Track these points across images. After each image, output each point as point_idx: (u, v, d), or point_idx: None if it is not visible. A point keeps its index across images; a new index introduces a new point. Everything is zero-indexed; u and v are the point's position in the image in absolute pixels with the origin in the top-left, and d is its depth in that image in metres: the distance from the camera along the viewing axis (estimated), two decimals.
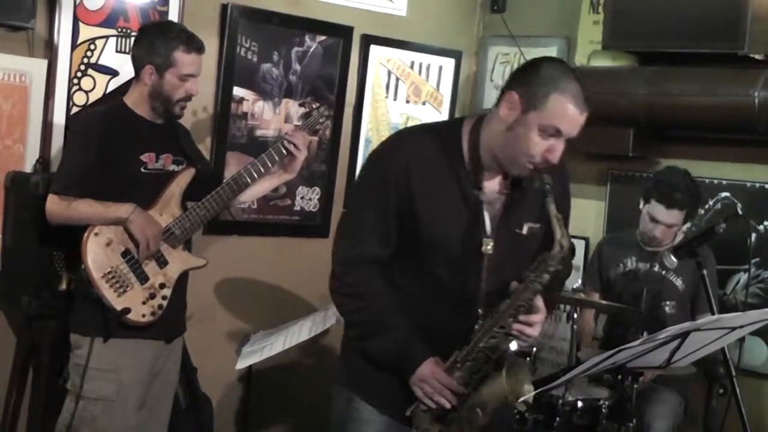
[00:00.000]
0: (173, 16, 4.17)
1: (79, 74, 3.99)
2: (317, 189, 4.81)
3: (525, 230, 2.59)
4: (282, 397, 4.80)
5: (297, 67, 4.64)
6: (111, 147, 3.37)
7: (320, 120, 3.83)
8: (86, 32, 3.99)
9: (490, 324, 2.53)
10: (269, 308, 4.69)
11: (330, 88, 4.76)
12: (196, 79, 3.50)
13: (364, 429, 2.66)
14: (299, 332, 4.07)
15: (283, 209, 4.73)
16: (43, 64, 3.90)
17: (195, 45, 3.47)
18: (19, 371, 3.92)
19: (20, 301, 3.71)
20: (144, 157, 3.43)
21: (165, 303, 3.43)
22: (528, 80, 2.49)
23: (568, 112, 2.45)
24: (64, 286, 3.61)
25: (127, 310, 3.32)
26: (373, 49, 4.90)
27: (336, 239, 2.73)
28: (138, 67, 3.46)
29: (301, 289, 4.80)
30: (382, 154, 2.68)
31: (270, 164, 3.63)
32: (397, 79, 5.05)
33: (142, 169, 3.43)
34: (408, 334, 2.57)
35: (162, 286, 3.43)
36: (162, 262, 3.45)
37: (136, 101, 3.48)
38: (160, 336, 3.49)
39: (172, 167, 3.52)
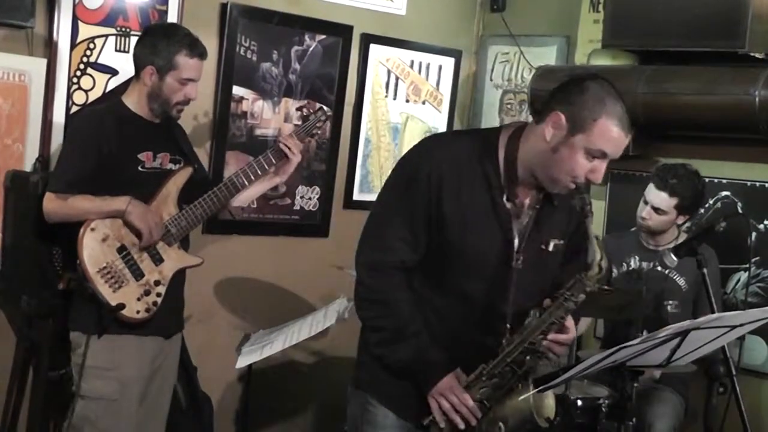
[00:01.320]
0: (173, 15, 4.17)
1: (78, 73, 3.99)
2: (317, 188, 4.80)
3: (551, 247, 2.56)
4: (282, 396, 4.79)
5: (296, 66, 4.63)
6: (109, 146, 3.36)
7: (317, 124, 3.83)
8: (85, 31, 3.99)
9: (519, 339, 2.50)
10: (269, 308, 4.68)
11: (329, 88, 4.76)
12: (196, 83, 3.50)
13: None
14: (299, 331, 4.06)
15: (283, 209, 4.72)
16: (42, 63, 3.89)
17: (198, 50, 3.47)
18: (19, 371, 3.91)
19: (20, 300, 3.70)
20: (142, 156, 3.43)
21: (159, 300, 3.43)
22: (573, 100, 2.43)
23: (615, 136, 2.43)
24: (63, 285, 3.60)
25: (121, 306, 3.32)
26: (373, 48, 4.90)
27: (361, 243, 2.62)
28: (139, 66, 3.46)
29: (301, 288, 4.80)
30: (415, 157, 2.60)
31: (267, 166, 3.64)
32: (397, 79, 5.04)
33: (140, 168, 3.43)
34: (429, 345, 2.52)
35: (157, 283, 3.43)
36: (157, 259, 3.45)
37: (134, 100, 3.48)
38: (159, 333, 3.49)
39: (170, 166, 3.52)
